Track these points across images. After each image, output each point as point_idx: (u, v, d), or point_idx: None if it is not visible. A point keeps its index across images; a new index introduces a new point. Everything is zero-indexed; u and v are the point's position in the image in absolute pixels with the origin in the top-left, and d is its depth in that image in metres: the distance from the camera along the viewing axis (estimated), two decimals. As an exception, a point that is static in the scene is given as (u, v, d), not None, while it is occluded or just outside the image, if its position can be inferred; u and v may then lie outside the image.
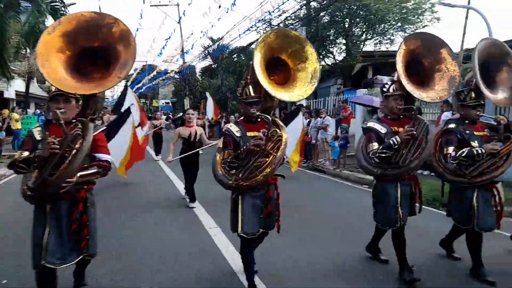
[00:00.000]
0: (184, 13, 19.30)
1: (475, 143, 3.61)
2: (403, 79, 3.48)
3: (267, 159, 3.26)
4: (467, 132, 3.69)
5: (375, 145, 3.56)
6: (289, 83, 3.51)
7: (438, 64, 3.65)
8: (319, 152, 12.61)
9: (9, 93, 20.05)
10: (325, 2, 17.29)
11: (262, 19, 17.17)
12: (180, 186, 8.06)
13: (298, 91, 3.48)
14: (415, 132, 3.45)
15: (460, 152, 3.57)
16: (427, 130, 3.53)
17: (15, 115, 14.85)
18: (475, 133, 3.71)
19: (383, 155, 3.49)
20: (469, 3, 9.18)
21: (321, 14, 18.33)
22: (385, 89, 3.76)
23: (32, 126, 6.60)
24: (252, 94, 3.41)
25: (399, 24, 17.87)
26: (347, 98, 15.24)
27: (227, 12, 15.19)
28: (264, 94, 3.44)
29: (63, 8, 12.14)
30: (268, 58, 3.42)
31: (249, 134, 3.39)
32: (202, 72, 31.73)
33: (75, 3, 21.30)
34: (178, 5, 32.50)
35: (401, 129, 3.56)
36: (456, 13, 18.30)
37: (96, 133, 2.97)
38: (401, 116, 3.72)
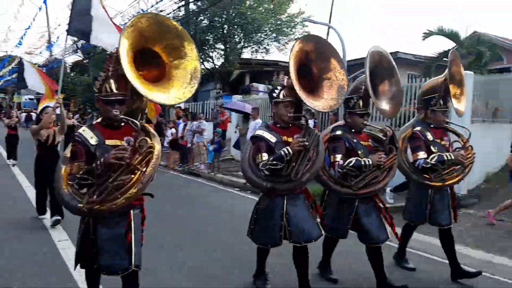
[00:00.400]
0: (45, 1, 17.21)
1: (360, 153, 3.51)
2: (296, 84, 3.16)
3: (132, 176, 2.58)
4: (354, 140, 3.57)
5: (265, 156, 3.20)
6: (164, 81, 2.83)
7: (327, 72, 3.43)
8: (195, 156, 12.49)
9: None
10: (203, 6, 17.31)
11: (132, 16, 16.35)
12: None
13: (176, 93, 2.77)
14: (307, 143, 3.19)
15: (348, 161, 3.43)
16: (318, 140, 3.33)
17: None
18: (361, 142, 3.61)
19: (274, 167, 3.13)
20: (330, 21, 10.08)
21: (200, 17, 18.32)
22: (274, 94, 3.40)
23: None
24: (115, 90, 2.68)
25: (274, 34, 18.87)
26: (224, 103, 15.45)
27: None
28: (130, 92, 2.76)
29: None
30: (137, 48, 2.73)
31: (108, 142, 2.68)
32: (72, 67, 29.03)
33: None
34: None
35: (291, 139, 3.28)
36: (323, 30, 20.10)
37: None
38: (290, 125, 3.41)
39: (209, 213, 6.79)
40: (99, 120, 2.84)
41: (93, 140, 2.65)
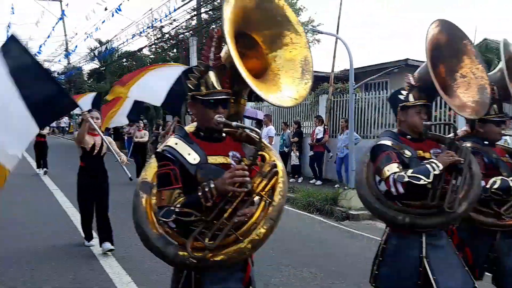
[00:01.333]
0: (63, 13, 17.92)
1: (502, 170, 2.69)
2: (434, 81, 2.35)
3: (257, 210, 1.86)
4: (494, 155, 2.75)
5: (398, 167, 2.29)
6: (268, 77, 2.13)
7: (460, 67, 2.64)
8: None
9: None
10: (215, 15, 17.78)
11: (152, 26, 16.95)
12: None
13: (289, 92, 2.09)
14: (460, 159, 2.31)
15: (491, 181, 2.61)
16: (470, 159, 2.43)
17: None
18: (501, 158, 2.78)
19: (416, 182, 2.19)
20: (337, 32, 10.42)
21: (212, 26, 18.77)
22: (402, 97, 2.55)
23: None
24: (219, 87, 1.94)
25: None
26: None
27: (112, 16, 14.66)
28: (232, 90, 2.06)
29: None
30: (236, 32, 1.98)
31: (211, 160, 1.94)
32: (89, 75, 29.89)
33: None
34: (61, 0, 30.22)
35: (428, 155, 2.47)
36: (331, 40, 20.26)
37: None
38: (424, 136, 2.57)
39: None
40: (190, 128, 2.10)
41: (191, 158, 1.89)
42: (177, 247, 1.86)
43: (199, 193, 1.74)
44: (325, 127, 10.86)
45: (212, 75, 1.95)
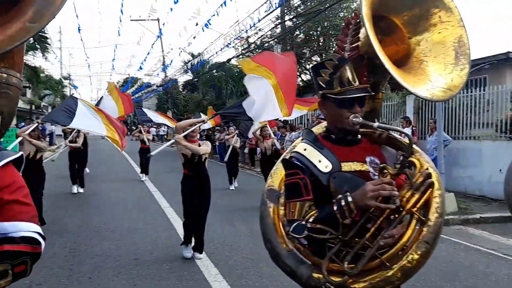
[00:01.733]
0: (160, 31, 19.72)
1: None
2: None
3: (407, 231, 1.55)
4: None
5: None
6: (412, 66, 1.77)
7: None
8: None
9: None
10: (298, 22, 18.08)
11: (239, 37, 17.83)
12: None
13: (441, 81, 1.70)
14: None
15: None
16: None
17: None
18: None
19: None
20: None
21: (296, 33, 19.13)
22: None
23: (13, 139, 6.70)
24: (356, 82, 1.64)
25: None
26: (320, 114, 15.92)
27: (203, 31, 15.79)
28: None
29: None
30: (372, 14, 1.63)
31: (345, 167, 1.65)
32: (184, 86, 32.29)
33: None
34: (158, 20, 33.19)
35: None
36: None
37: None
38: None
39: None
40: (318, 130, 1.86)
41: (322, 166, 1.61)
42: (311, 268, 1.60)
43: (334, 208, 1.48)
44: (413, 128, 10.45)
45: (348, 69, 1.65)
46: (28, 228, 1.22)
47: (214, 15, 13.57)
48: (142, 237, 5.95)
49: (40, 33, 12.56)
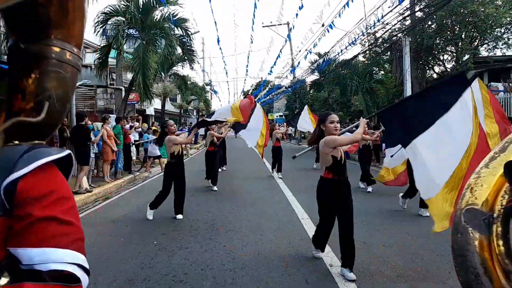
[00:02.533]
0: (289, 35, 20.79)
1: None
2: None
3: None
4: None
5: None
6: None
7: None
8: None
9: (150, 111, 24.26)
10: (430, 11, 17.15)
11: (363, 33, 17.78)
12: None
13: None
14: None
15: None
16: None
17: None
18: None
19: None
20: None
21: (428, 23, 18.16)
22: None
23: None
24: None
25: (517, 26, 16.73)
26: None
27: (328, 32, 16.27)
28: None
29: (189, 41, 14.90)
30: None
31: None
32: (310, 86, 33.20)
33: (199, 31, 24.74)
34: (288, 23, 34.80)
35: None
36: None
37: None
38: None
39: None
40: None
41: None
42: None
43: None
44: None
45: None
46: (63, 258, 0.85)
47: (336, 17, 13.94)
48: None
49: (188, 47, 14.92)
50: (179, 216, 6.77)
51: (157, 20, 14.11)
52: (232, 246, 5.21)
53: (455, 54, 18.68)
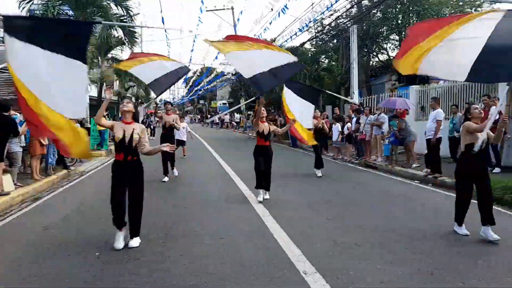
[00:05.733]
0: (238, 20, 20.03)
1: None
2: None
3: None
4: None
5: None
6: None
7: None
8: (371, 149, 12.83)
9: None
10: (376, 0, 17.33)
11: (314, 20, 17.52)
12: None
13: None
14: None
15: None
16: None
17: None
18: None
19: None
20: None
21: (373, 11, 18.34)
22: None
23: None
24: None
25: (456, 17, 17.36)
26: (401, 95, 15.21)
27: (278, 16, 15.76)
28: None
29: (131, 21, 13.52)
30: None
31: None
32: (256, 73, 32.66)
33: (139, 13, 23.09)
34: (232, 8, 33.76)
35: None
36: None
37: None
38: None
39: (382, 202, 7.20)
40: None
41: None
42: None
43: None
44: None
45: None
46: None
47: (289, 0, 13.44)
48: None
49: (130, 28, 13.51)
50: None
51: (93, -3, 12.54)
52: (190, 255, 4.49)
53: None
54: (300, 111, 8.19)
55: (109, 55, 20.00)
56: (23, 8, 11.78)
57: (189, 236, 5.14)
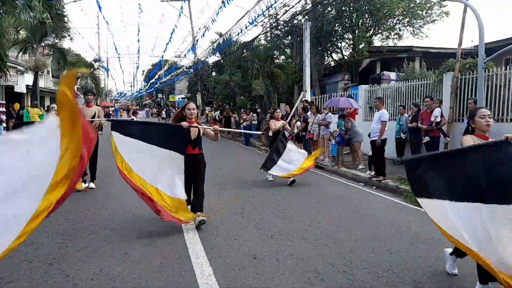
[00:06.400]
0: (181, 9, 19.13)
1: None
2: None
3: None
4: None
5: None
6: None
7: None
8: (320, 148, 12.51)
9: (20, 87, 20.47)
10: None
11: (266, 14, 16.99)
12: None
13: None
14: None
15: None
16: None
17: (37, 110, 15.23)
18: None
19: None
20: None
21: (328, 9, 18.08)
22: None
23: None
24: None
25: (407, 19, 17.46)
26: (352, 94, 15.04)
27: (224, 6, 15.07)
28: None
29: (58, 4, 12.25)
30: None
31: None
32: (212, 68, 31.82)
33: (75, 0, 21.57)
34: (188, 0, 32.72)
35: None
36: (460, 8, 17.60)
37: None
38: None
39: (325, 205, 6.76)
40: None
41: None
42: None
43: None
44: (450, 108, 9.50)
45: None
46: None
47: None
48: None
49: (57, 12, 12.21)
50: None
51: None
52: None
53: (352, 42, 19.00)
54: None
55: (46, 41, 18.33)
56: None
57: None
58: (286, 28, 20.00)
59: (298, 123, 13.16)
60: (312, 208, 6.53)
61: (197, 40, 25.52)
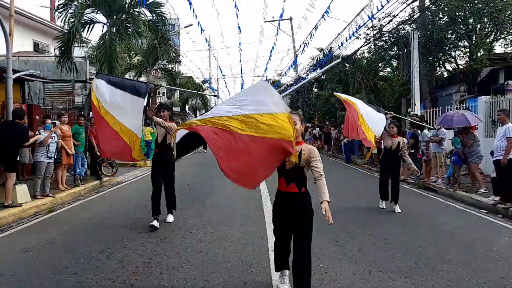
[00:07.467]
0: (278, 26, 19.05)
1: None
2: None
3: None
4: None
5: None
6: None
7: None
8: (431, 168, 11.18)
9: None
10: (441, 2, 15.46)
11: (369, 25, 16.11)
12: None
13: None
14: None
15: None
16: None
17: (149, 129, 16.88)
18: None
19: None
20: None
21: (439, 15, 16.44)
22: None
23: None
24: None
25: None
26: (469, 107, 13.30)
27: (324, 19, 14.58)
28: None
29: (164, 28, 13.08)
30: None
31: None
32: (312, 84, 31.45)
33: (192, 24, 23.09)
34: (291, 18, 33.11)
35: None
36: None
37: None
38: None
39: (437, 237, 5.78)
40: None
41: None
42: None
43: None
44: None
45: None
46: None
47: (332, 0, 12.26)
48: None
49: (163, 36, 13.05)
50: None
51: (125, 3, 12.21)
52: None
53: (468, 50, 16.98)
54: (375, 119, 7.66)
55: (158, 65, 19.90)
56: (59, 17, 11.80)
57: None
58: (391, 38, 18.75)
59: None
60: (421, 240, 5.63)
61: (296, 57, 25.42)
